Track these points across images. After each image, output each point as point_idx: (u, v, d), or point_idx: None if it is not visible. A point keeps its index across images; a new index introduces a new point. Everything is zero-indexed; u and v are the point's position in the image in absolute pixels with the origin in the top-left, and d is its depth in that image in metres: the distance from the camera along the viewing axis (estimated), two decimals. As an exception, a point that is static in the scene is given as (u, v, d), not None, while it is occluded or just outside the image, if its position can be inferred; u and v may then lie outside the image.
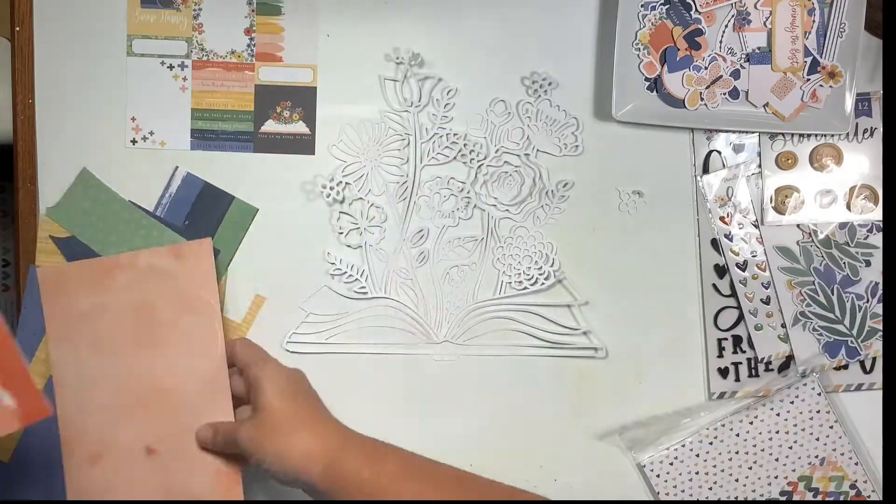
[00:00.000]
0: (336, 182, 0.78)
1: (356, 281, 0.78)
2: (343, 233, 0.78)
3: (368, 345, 0.79)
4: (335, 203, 0.78)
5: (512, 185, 0.79)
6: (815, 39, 0.78)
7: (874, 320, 0.79)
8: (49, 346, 0.77)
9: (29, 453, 0.77)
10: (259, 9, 0.78)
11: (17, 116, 0.77)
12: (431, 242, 0.79)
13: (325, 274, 0.78)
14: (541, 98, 0.78)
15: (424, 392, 0.79)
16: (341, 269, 0.78)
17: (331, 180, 0.78)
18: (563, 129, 0.79)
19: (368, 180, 0.78)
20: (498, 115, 0.79)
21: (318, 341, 0.78)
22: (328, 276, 0.78)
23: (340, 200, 0.78)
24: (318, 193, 0.78)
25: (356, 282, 0.78)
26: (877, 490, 0.79)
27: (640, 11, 0.77)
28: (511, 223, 0.79)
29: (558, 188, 0.79)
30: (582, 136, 0.79)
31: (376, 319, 0.79)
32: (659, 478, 0.79)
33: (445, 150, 0.78)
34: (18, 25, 0.77)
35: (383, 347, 0.79)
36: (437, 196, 0.79)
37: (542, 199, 0.79)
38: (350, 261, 0.78)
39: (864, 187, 0.80)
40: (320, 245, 0.78)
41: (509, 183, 0.79)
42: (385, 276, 0.79)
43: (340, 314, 0.79)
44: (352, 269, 0.78)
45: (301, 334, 0.78)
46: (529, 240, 0.79)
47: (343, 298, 0.78)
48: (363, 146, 0.78)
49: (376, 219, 0.78)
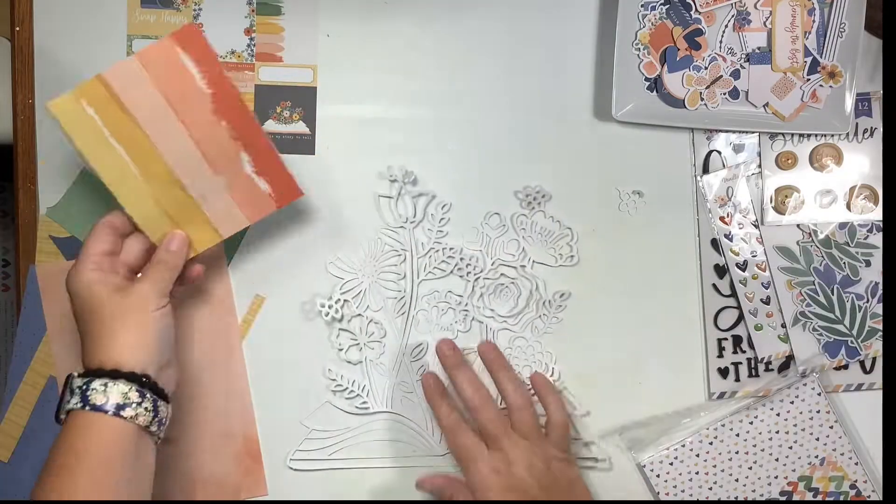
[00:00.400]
0: (334, 300, 0.78)
1: (357, 396, 0.78)
2: (343, 349, 0.78)
3: (372, 459, 0.78)
4: (334, 321, 0.78)
5: (509, 296, 0.79)
6: (815, 39, 0.78)
7: (874, 320, 0.79)
8: (51, 345, 0.77)
9: (29, 453, 0.78)
10: (259, 9, 0.78)
11: (17, 116, 0.77)
12: (431, 356, 0.79)
13: (327, 390, 0.78)
14: (535, 210, 0.79)
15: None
16: (342, 385, 0.78)
17: (329, 298, 0.78)
18: (558, 240, 0.79)
19: (366, 296, 0.78)
20: (493, 228, 0.79)
21: (322, 457, 0.78)
22: (329, 392, 0.78)
23: (339, 318, 0.78)
24: (316, 313, 0.78)
25: (357, 397, 0.78)
26: (877, 490, 0.79)
27: (640, 11, 0.77)
28: (510, 334, 0.79)
29: (555, 298, 0.79)
30: (577, 247, 0.79)
31: (379, 433, 0.79)
32: (659, 478, 0.79)
33: (442, 264, 0.78)
34: (18, 25, 0.77)
35: (387, 461, 0.79)
36: (435, 310, 0.79)
37: (540, 309, 0.79)
38: (351, 377, 0.78)
39: (864, 187, 0.80)
40: (320, 362, 0.78)
41: (506, 294, 0.79)
42: (387, 390, 0.79)
43: (343, 430, 0.79)
44: (353, 385, 0.78)
45: (305, 451, 0.78)
46: (528, 350, 0.79)
47: (345, 414, 0.79)
48: (360, 263, 0.78)
49: (375, 334, 0.79)
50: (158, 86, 0.67)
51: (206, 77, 0.67)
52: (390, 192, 0.78)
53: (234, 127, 0.69)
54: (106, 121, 0.67)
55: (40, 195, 0.78)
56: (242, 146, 0.69)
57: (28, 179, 0.78)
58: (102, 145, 0.67)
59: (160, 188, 0.69)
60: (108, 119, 0.67)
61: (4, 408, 0.77)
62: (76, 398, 0.62)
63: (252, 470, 0.77)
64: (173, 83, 0.67)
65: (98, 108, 0.67)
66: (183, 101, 0.68)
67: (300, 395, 0.78)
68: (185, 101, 0.68)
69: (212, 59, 0.67)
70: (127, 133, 0.67)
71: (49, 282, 0.77)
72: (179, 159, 0.69)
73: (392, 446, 0.79)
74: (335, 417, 0.78)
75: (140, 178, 0.68)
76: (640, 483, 0.80)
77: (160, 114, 0.67)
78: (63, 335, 0.77)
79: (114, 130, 0.67)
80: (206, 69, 0.67)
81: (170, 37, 0.67)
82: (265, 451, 0.78)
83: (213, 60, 0.67)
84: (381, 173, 0.79)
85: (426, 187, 0.79)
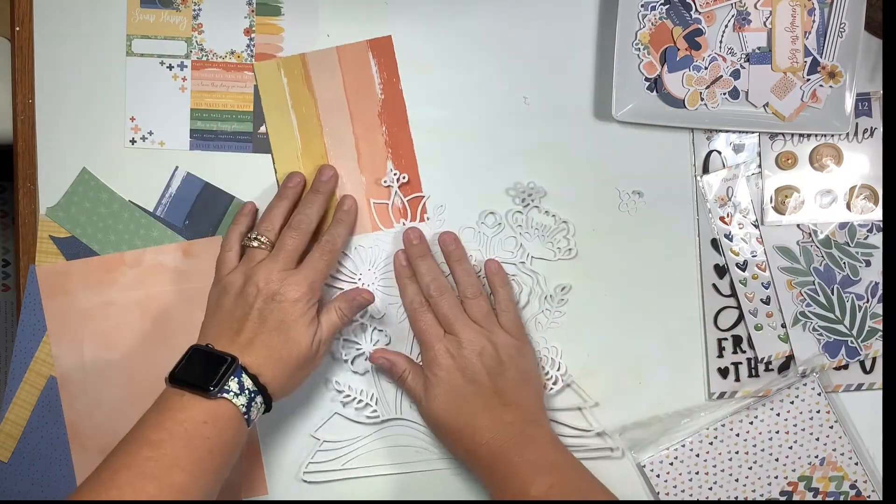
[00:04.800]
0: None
1: (367, 406, 0.78)
2: (349, 360, 0.78)
3: (385, 466, 0.78)
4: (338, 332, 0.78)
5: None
6: (815, 39, 0.78)
7: (874, 320, 0.79)
8: (51, 344, 0.77)
9: (29, 453, 0.78)
10: (259, 9, 0.78)
11: (17, 116, 0.78)
12: None
13: (334, 402, 0.78)
14: (530, 206, 0.79)
15: (444, 505, 0.79)
16: (350, 396, 0.78)
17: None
18: (555, 234, 0.79)
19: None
20: (490, 227, 0.79)
21: (336, 468, 0.78)
22: (338, 403, 0.78)
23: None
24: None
25: (367, 406, 0.78)
26: (877, 490, 0.79)
27: (640, 11, 0.77)
28: None
29: (556, 292, 0.79)
30: (574, 240, 0.79)
31: (391, 440, 0.78)
32: (659, 478, 0.79)
33: (442, 265, 0.78)
34: (18, 25, 0.77)
35: (400, 468, 0.78)
36: None
37: (543, 304, 0.79)
38: (359, 386, 0.78)
39: (864, 187, 0.80)
40: (325, 374, 0.78)
41: None
42: (396, 397, 0.78)
43: (354, 439, 0.78)
44: (361, 395, 0.78)
45: (317, 463, 0.78)
46: (534, 345, 0.79)
47: (356, 424, 0.78)
48: (358, 271, 0.78)
49: (380, 342, 0.78)
50: (344, 78, 0.77)
51: (383, 84, 0.77)
52: (386, 198, 0.79)
53: (390, 134, 0.77)
54: (292, 92, 0.77)
55: (40, 195, 0.78)
56: (391, 155, 0.77)
57: (28, 179, 0.78)
58: (281, 110, 0.78)
59: (311, 165, 0.78)
60: (294, 91, 0.77)
61: (4, 408, 0.78)
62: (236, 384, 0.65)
63: (252, 470, 0.77)
64: (356, 80, 0.77)
65: (290, 80, 0.77)
66: (358, 98, 0.78)
67: (307, 408, 0.78)
68: (359, 98, 0.78)
69: (392, 71, 0.77)
70: (304, 108, 0.77)
71: (49, 282, 0.77)
72: (337, 146, 0.78)
73: (404, 452, 0.78)
74: (345, 428, 0.78)
75: (299, 149, 0.78)
76: (640, 483, 0.80)
77: (336, 102, 0.78)
78: (63, 335, 0.77)
79: (295, 102, 0.77)
80: (386, 78, 0.77)
81: (367, 41, 0.77)
82: (276, 467, 0.78)
83: (393, 72, 0.77)
84: (378, 178, 0.79)
85: (423, 189, 0.79)
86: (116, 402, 0.77)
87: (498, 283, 0.77)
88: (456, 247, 0.77)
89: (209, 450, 0.62)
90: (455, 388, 0.73)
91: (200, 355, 0.66)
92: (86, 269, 0.77)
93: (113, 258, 0.77)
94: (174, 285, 0.77)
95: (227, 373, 0.64)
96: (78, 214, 0.78)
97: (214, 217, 0.78)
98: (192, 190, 0.78)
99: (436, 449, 0.78)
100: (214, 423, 0.63)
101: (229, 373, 0.64)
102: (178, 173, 0.78)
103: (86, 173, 0.78)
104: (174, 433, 0.62)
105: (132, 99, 0.78)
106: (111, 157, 0.78)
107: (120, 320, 0.77)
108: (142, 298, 0.77)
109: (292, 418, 0.78)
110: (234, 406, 0.64)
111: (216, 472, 0.63)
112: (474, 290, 0.76)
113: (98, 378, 0.77)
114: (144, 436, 0.62)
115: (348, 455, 0.78)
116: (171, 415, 0.63)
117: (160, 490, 0.59)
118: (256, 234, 0.73)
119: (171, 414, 0.63)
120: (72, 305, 0.77)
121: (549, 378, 0.78)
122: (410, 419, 0.78)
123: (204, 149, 0.78)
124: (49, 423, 0.77)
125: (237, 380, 0.65)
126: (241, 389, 0.65)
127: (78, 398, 0.77)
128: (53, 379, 0.77)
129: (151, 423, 0.63)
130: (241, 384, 0.65)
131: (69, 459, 0.77)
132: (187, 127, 0.78)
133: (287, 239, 0.72)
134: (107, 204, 0.78)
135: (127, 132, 0.78)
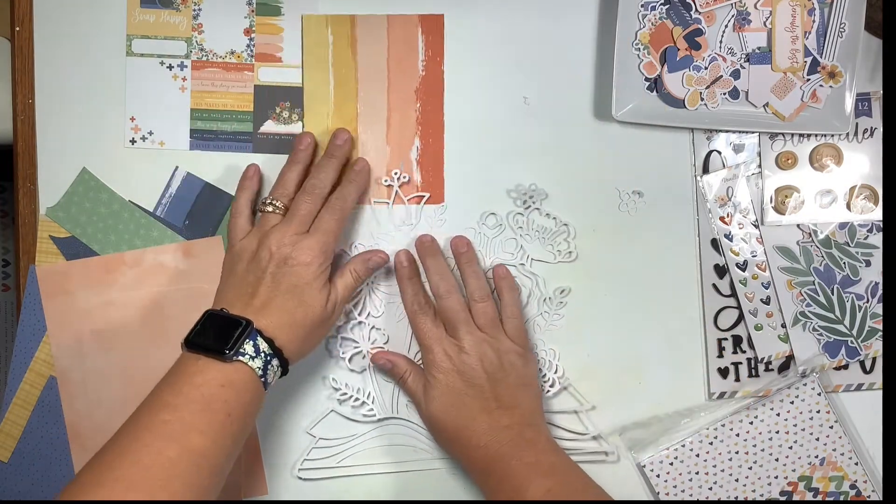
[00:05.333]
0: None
1: (363, 404, 0.78)
2: (346, 357, 0.78)
3: (381, 464, 0.78)
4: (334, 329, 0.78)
5: None
6: (815, 39, 0.78)
7: (874, 320, 0.79)
8: (51, 344, 0.77)
9: (29, 453, 0.78)
10: (259, 9, 0.78)
11: (17, 116, 0.78)
12: None
13: (331, 399, 0.78)
14: (531, 208, 0.79)
15: (440, 504, 0.79)
16: (347, 394, 0.78)
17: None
18: (555, 237, 0.79)
19: (366, 303, 0.78)
20: (490, 228, 0.79)
21: (331, 465, 0.78)
22: (334, 401, 0.78)
23: (339, 324, 0.78)
24: None
25: (363, 405, 0.78)
26: (877, 490, 0.79)
27: (640, 11, 0.77)
28: None
29: (556, 295, 0.79)
30: (575, 243, 0.79)
31: (387, 439, 0.78)
32: (659, 478, 0.79)
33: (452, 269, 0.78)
34: (18, 25, 0.77)
35: (396, 466, 0.78)
36: None
37: (541, 306, 0.79)
38: (355, 385, 0.78)
39: (864, 187, 0.80)
40: (322, 371, 0.78)
41: None
42: (392, 396, 0.78)
43: (350, 437, 0.78)
44: (358, 393, 0.78)
45: (312, 460, 0.78)
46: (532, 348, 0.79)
47: (352, 422, 0.78)
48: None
49: (378, 340, 0.78)
50: (388, 48, 0.77)
51: (426, 61, 0.78)
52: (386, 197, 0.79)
53: (423, 112, 0.78)
54: (335, 50, 0.78)
55: (40, 195, 0.78)
56: (420, 133, 0.77)
57: (28, 179, 0.78)
58: (321, 66, 0.78)
59: (339, 126, 0.78)
60: (337, 50, 0.78)
61: (4, 408, 0.78)
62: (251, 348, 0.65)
63: (252, 470, 0.77)
64: (400, 52, 0.78)
65: (336, 39, 0.78)
66: (399, 70, 0.78)
67: (304, 405, 0.78)
68: (400, 70, 0.78)
69: (438, 50, 0.78)
70: (344, 69, 0.78)
71: (49, 282, 0.77)
72: (369, 112, 0.78)
73: (400, 451, 0.78)
74: (342, 425, 0.78)
75: (331, 109, 0.78)
76: (640, 483, 0.80)
77: (377, 70, 0.78)
78: (63, 335, 0.77)
79: (336, 61, 0.78)
80: (430, 55, 0.78)
81: (419, 16, 0.77)
82: (272, 464, 0.78)
83: (438, 51, 0.78)
84: (378, 178, 0.79)
85: (424, 190, 0.79)
86: (116, 402, 0.77)
87: (505, 288, 0.77)
88: (467, 249, 0.77)
89: (228, 413, 0.62)
90: (453, 390, 0.73)
91: (216, 319, 0.66)
92: (86, 269, 0.77)
93: (113, 258, 0.77)
94: (174, 285, 0.77)
95: (241, 336, 0.65)
96: (78, 214, 0.78)
97: (214, 217, 0.78)
98: (192, 190, 0.78)
99: (432, 449, 0.78)
100: (232, 387, 0.63)
101: (244, 336, 0.65)
102: (178, 173, 0.79)
103: (86, 173, 0.78)
104: (191, 397, 0.62)
105: (132, 99, 0.78)
106: (111, 157, 0.78)
107: (120, 320, 0.77)
108: (142, 298, 0.77)
109: (288, 415, 0.78)
110: (251, 369, 0.64)
111: (234, 437, 0.63)
112: (482, 293, 0.75)
113: (98, 378, 0.77)
114: (162, 399, 0.62)
115: (344, 453, 0.78)
116: (188, 378, 0.63)
117: (180, 452, 0.59)
118: (271, 199, 0.73)
119: (187, 378, 0.63)
120: (72, 305, 0.77)
121: (546, 380, 0.78)
122: (407, 418, 0.78)
123: (204, 149, 0.78)
124: (49, 422, 0.77)
125: (252, 343, 0.65)
126: (257, 352, 0.65)
127: (78, 398, 0.77)
128: (53, 379, 0.77)
129: (168, 387, 0.63)
130: (256, 347, 0.65)
131: (69, 459, 0.77)
132: (187, 127, 0.78)
133: (300, 203, 0.72)
134: (107, 204, 0.78)
135: (127, 132, 0.78)
